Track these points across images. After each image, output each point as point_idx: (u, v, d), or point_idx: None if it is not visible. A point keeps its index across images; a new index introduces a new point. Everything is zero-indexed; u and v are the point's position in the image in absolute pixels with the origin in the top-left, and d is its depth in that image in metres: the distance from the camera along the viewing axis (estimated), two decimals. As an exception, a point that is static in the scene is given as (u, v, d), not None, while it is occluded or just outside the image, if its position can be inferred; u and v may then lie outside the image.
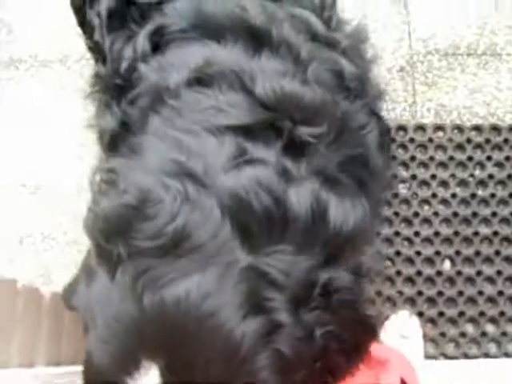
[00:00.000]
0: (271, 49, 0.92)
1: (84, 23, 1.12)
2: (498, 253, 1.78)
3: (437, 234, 1.81)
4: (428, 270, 1.78)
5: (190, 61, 0.91)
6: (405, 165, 1.88)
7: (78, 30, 2.01)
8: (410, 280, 1.77)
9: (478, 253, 1.79)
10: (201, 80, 0.89)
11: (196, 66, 0.90)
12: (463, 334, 1.72)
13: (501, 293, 1.75)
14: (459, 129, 1.91)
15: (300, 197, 0.78)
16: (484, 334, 1.72)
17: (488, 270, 1.77)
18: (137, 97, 0.95)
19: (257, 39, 0.93)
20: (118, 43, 1.00)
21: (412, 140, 1.90)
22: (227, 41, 0.93)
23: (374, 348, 1.32)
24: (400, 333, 1.62)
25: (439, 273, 1.77)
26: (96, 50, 1.08)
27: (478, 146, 1.88)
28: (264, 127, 0.84)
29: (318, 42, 0.98)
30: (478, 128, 1.90)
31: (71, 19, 2.02)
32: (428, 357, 1.69)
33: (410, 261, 1.79)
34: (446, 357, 1.71)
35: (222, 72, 0.88)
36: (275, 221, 0.76)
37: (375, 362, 1.28)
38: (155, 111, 0.89)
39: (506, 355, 1.70)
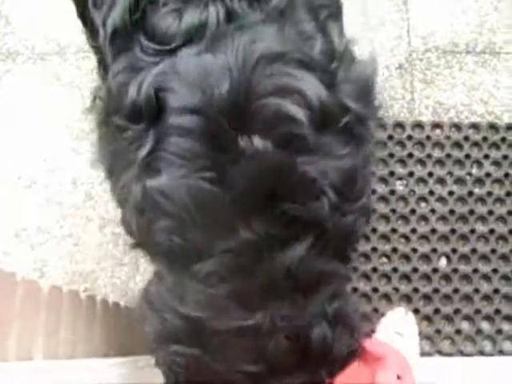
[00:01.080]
0: None
1: (84, 15, 1.02)
2: (494, 251, 1.79)
3: (433, 231, 1.81)
4: (424, 267, 1.78)
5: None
6: (402, 162, 1.88)
7: (76, 23, 2.01)
8: (406, 277, 1.77)
9: (474, 250, 1.79)
10: None
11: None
12: (458, 332, 1.73)
13: (496, 291, 1.76)
14: (457, 127, 1.91)
15: None
16: (479, 331, 1.73)
17: (484, 268, 1.78)
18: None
19: None
20: (123, 74, 0.89)
21: (410, 137, 1.90)
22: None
23: (371, 344, 1.32)
24: (395, 330, 1.62)
25: (435, 270, 1.78)
26: (98, 52, 1.01)
27: (476, 144, 1.89)
28: None
29: (319, 123, 0.87)
30: (475, 126, 1.91)
31: (69, 12, 2.01)
32: (423, 354, 1.69)
33: (406, 258, 1.79)
34: (441, 354, 1.71)
35: None
36: None
37: (372, 358, 1.28)
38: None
39: (501, 353, 1.71)
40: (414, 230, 1.81)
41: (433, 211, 1.83)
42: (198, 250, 0.88)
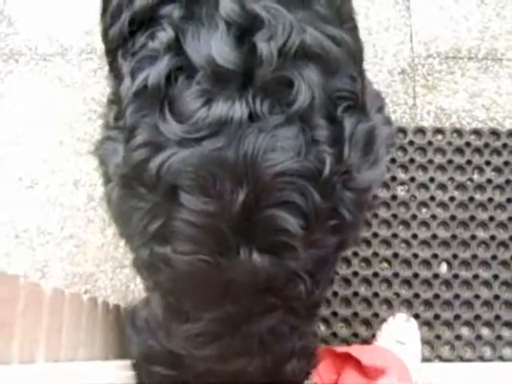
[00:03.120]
0: None
1: (113, 64, 1.03)
2: (494, 257, 1.79)
3: (434, 236, 1.81)
4: (425, 273, 1.78)
5: None
6: (404, 167, 1.88)
7: (79, 25, 2.01)
8: (406, 282, 1.78)
9: (474, 256, 1.79)
10: None
11: None
12: (458, 337, 1.73)
13: (497, 297, 1.76)
14: (458, 132, 1.91)
15: None
16: (479, 337, 1.73)
17: (484, 274, 1.78)
18: None
19: None
20: (144, 149, 0.90)
21: (411, 142, 1.90)
22: None
23: (372, 358, 1.33)
24: (397, 339, 1.62)
25: (436, 275, 1.78)
26: (117, 99, 0.99)
27: (477, 150, 1.89)
28: None
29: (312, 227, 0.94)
30: (477, 132, 1.91)
31: (72, 13, 2.02)
32: (423, 359, 1.69)
33: (407, 263, 1.79)
34: (441, 359, 1.71)
35: None
36: None
37: (372, 371, 1.28)
38: None
39: (501, 359, 1.71)
40: (414, 236, 1.81)
41: (434, 217, 1.83)
42: (188, 313, 1.01)
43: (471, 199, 1.85)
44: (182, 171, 0.87)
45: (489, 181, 1.86)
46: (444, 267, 1.79)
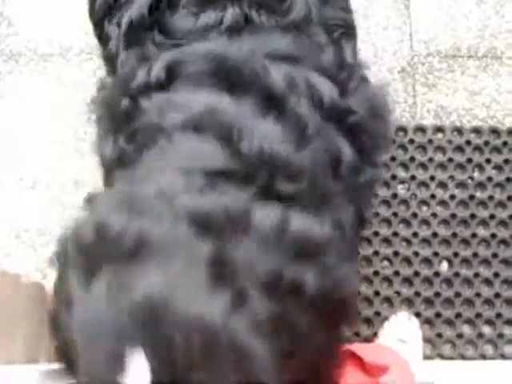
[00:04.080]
0: (281, 117, 0.87)
1: (102, 36, 1.05)
2: (495, 255, 1.79)
3: (435, 235, 1.81)
4: (426, 271, 1.78)
5: (193, 105, 0.86)
6: (404, 166, 1.88)
7: (79, 25, 2.01)
8: (407, 280, 1.78)
9: (475, 254, 1.79)
10: (197, 127, 0.84)
11: (197, 112, 0.85)
12: (460, 336, 1.73)
13: (497, 295, 1.76)
14: (459, 131, 1.92)
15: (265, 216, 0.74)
16: (480, 335, 1.73)
17: (485, 272, 1.78)
18: (134, 133, 0.90)
19: (270, 104, 0.88)
20: (132, 60, 0.92)
21: (412, 141, 1.90)
22: (240, 97, 0.86)
23: (374, 354, 1.32)
24: (398, 337, 1.62)
25: (437, 274, 1.78)
26: (110, 61, 1.01)
27: (477, 148, 1.89)
28: (238, 175, 0.79)
29: (327, 119, 0.89)
30: (477, 130, 1.91)
31: (71, 13, 2.02)
32: (424, 357, 1.69)
33: (407, 261, 1.79)
34: (443, 358, 1.71)
35: (219, 124, 0.84)
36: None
37: (376, 368, 1.28)
38: (147, 148, 0.86)
39: (503, 357, 1.71)
40: (415, 234, 1.82)
41: (434, 215, 1.83)
42: None
43: (471, 197, 1.85)
44: (174, 63, 0.87)
45: (489, 179, 1.86)
46: (445, 265, 1.79)
